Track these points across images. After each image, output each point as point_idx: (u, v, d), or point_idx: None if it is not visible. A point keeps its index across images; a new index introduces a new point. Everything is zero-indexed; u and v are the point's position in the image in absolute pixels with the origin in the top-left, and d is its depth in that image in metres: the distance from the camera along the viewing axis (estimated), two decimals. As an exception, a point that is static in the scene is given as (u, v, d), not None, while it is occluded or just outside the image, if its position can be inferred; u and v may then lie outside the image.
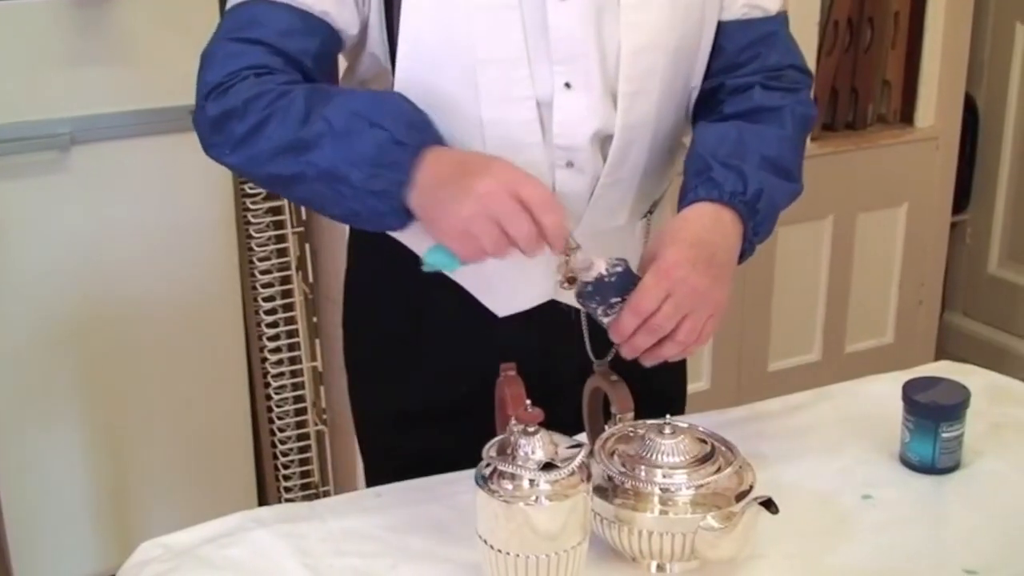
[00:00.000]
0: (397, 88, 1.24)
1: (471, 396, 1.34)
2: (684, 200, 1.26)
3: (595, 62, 1.24)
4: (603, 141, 1.28)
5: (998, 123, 3.33)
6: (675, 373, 1.56)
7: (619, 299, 1.17)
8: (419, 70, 1.24)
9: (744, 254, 1.27)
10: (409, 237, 1.34)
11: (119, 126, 2.29)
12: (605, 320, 1.19)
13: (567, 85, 1.25)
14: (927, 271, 3.24)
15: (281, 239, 2.53)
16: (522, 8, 1.22)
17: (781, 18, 1.37)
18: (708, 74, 1.35)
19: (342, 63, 1.37)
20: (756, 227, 1.26)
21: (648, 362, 1.21)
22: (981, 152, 3.38)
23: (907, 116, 3.10)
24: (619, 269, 1.17)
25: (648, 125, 1.30)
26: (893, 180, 3.08)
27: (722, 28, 1.33)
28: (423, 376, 1.41)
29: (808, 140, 2.92)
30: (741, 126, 1.29)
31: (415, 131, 1.16)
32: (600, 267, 1.16)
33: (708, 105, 1.36)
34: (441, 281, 1.33)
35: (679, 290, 1.16)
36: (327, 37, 1.25)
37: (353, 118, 1.15)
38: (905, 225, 3.14)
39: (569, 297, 1.34)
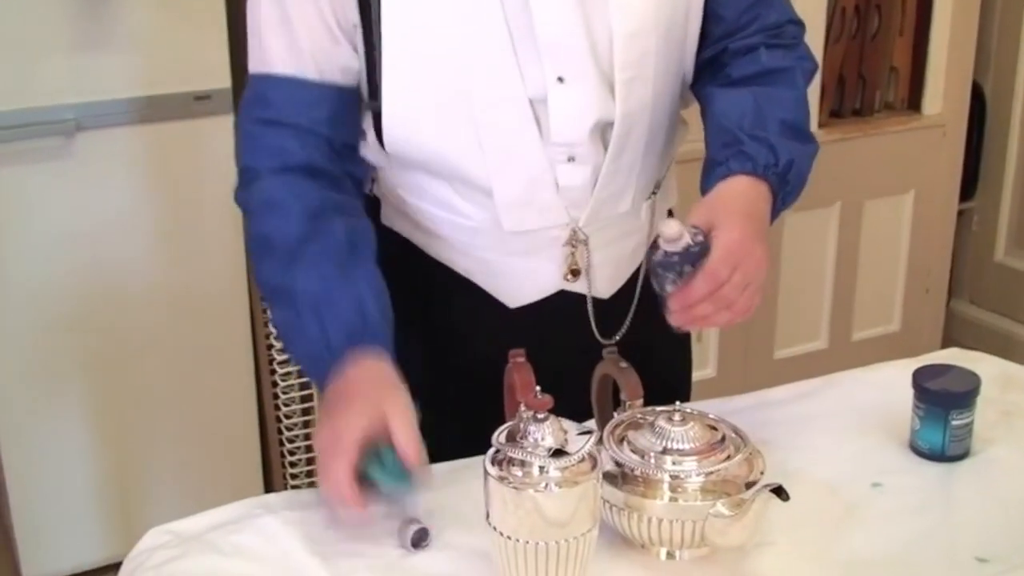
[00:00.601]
0: (385, 106, 1.23)
1: (479, 387, 1.33)
2: (715, 173, 1.26)
3: (586, 52, 1.23)
4: (603, 131, 1.27)
5: (1005, 111, 3.32)
6: (681, 360, 1.56)
7: (692, 268, 1.17)
8: (405, 85, 1.23)
9: (774, 217, 1.28)
10: (420, 236, 1.34)
11: (124, 112, 2.29)
12: (670, 288, 1.18)
13: (560, 79, 1.23)
14: (934, 259, 3.23)
15: (287, 225, 2.52)
16: (504, 7, 1.21)
17: None
18: (709, 41, 1.34)
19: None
20: (785, 196, 1.27)
21: (697, 328, 1.22)
22: (988, 140, 3.38)
23: (914, 103, 3.09)
24: (700, 239, 1.17)
25: (646, 110, 1.29)
26: (900, 167, 3.08)
27: None
28: (431, 367, 1.41)
29: (815, 127, 2.93)
30: (756, 92, 1.30)
31: (354, 343, 1.20)
32: (687, 238, 1.16)
33: (712, 70, 1.35)
34: (449, 272, 1.33)
35: (746, 263, 1.18)
36: (335, 96, 1.26)
37: (308, 300, 1.22)
38: (912, 212, 3.14)
39: (576, 286, 1.34)
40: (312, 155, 1.26)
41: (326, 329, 1.20)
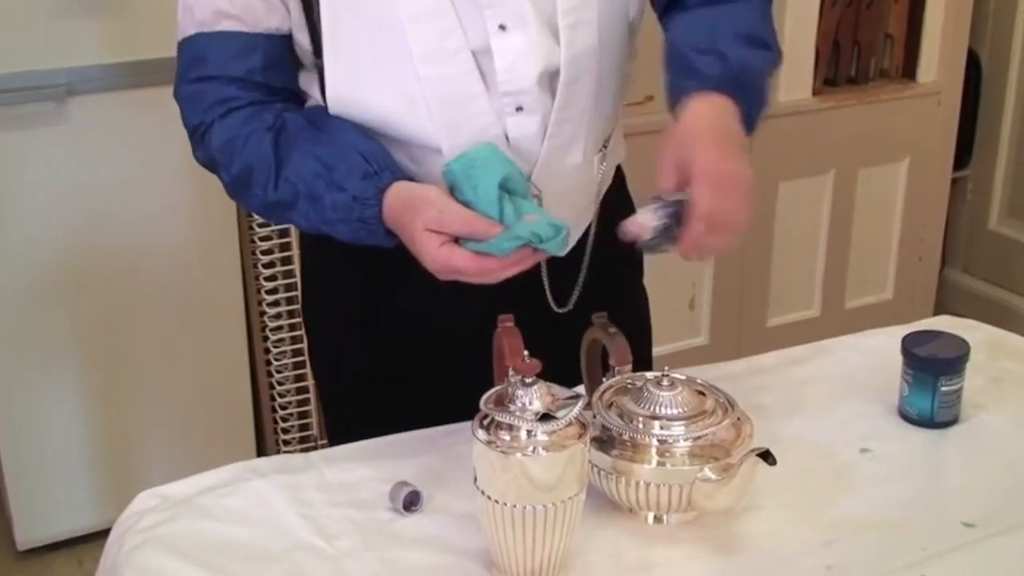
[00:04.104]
0: (327, 66, 1.24)
1: (444, 358, 1.33)
2: (673, 97, 1.24)
3: None
4: (550, 78, 1.26)
5: (1001, 79, 3.31)
6: (640, 317, 1.56)
7: (679, 225, 1.15)
8: (346, 44, 1.23)
9: (750, 130, 1.26)
10: None
11: (116, 77, 2.28)
12: (671, 248, 1.17)
13: (502, 27, 1.22)
14: (927, 227, 3.23)
15: (279, 191, 2.52)
16: None
17: None
18: None
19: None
20: (749, 104, 1.24)
21: (706, 256, 1.21)
22: (983, 108, 3.37)
23: (909, 71, 3.08)
24: (669, 210, 1.16)
25: (592, 55, 1.28)
26: (895, 135, 3.07)
27: None
28: (392, 340, 1.40)
29: (809, 95, 2.92)
30: (708, 12, 1.29)
31: (370, 182, 1.20)
32: (651, 221, 1.15)
33: (672, 2, 1.35)
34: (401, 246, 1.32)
35: (728, 183, 1.16)
36: (268, 46, 1.27)
37: (316, 182, 1.22)
38: (906, 181, 3.14)
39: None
40: (254, 97, 1.27)
41: (345, 188, 1.20)
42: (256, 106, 1.27)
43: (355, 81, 1.24)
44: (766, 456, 1.07)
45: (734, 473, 1.08)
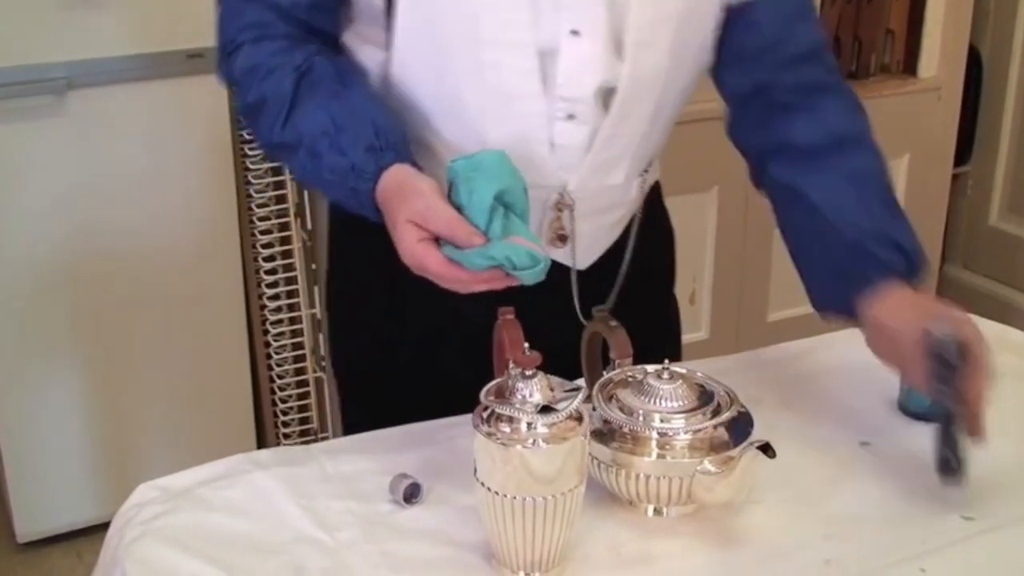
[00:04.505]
0: (399, 29, 1.22)
1: (462, 353, 1.33)
2: (863, 283, 1.27)
3: (604, 8, 1.21)
4: (606, 93, 1.25)
5: (1002, 75, 3.31)
6: (671, 323, 1.56)
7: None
8: (422, 13, 1.21)
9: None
10: None
11: (116, 70, 2.28)
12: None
13: (574, 32, 1.21)
14: (927, 223, 3.23)
15: (280, 185, 2.52)
16: None
17: None
18: (746, 54, 1.31)
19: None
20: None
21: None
22: (984, 104, 3.37)
23: (910, 66, 3.09)
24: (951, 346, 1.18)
25: (658, 80, 1.26)
26: (895, 130, 3.07)
27: (752, 5, 1.30)
28: (411, 333, 1.39)
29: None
30: (847, 174, 1.30)
31: (372, 156, 1.18)
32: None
33: (761, 106, 1.33)
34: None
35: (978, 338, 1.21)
36: None
37: (321, 138, 1.20)
38: (907, 176, 3.14)
39: (560, 255, 1.32)
40: (291, 31, 1.25)
41: (347, 154, 1.19)
42: (290, 40, 1.25)
43: (422, 50, 1.23)
44: (766, 449, 1.08)
45: (734, 466, 1.08)
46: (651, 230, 1.44)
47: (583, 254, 1.35)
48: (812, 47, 1.34)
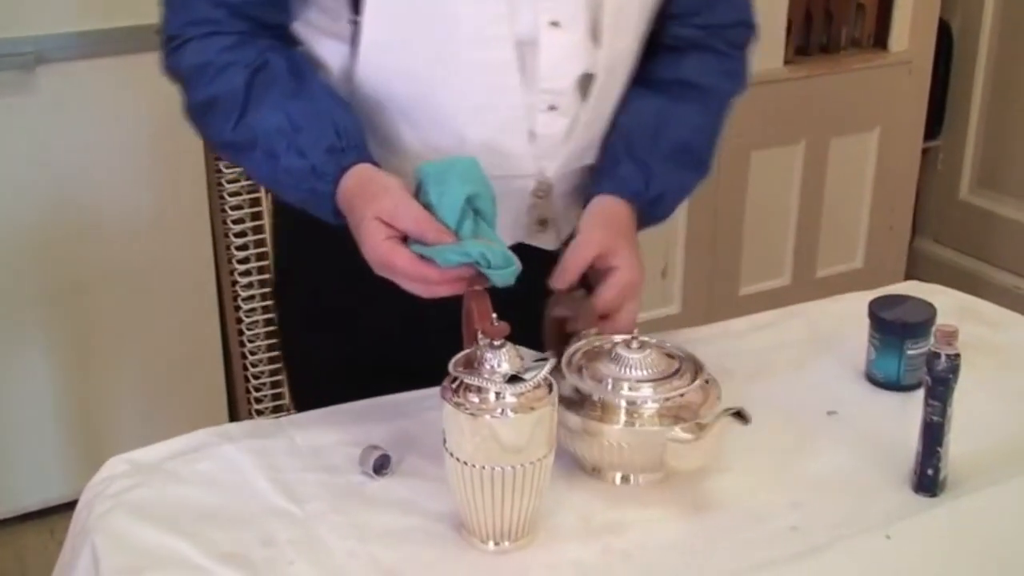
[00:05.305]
0: (366, 25, 1.18)
1: (436, 346, 1.32)
2: (594, 186, 1.28)
3: None
4: (583, 81, 1.25)
5: (972, 48, 3.33)
6: None
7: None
8: (390, 8, 1.18)
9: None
10: None
11: (85, 45, 2.26)
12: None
13: (554, 24, 1.20)
14: (898, 196, 3.25)
15: (250, 160, 2.50)
16: None
17: None
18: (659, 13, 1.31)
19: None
20: (648, 221, 1.30)
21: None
22: (954, 78, 3.38)
23: (881, 40, 3.10)
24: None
25: (626, 60, 1.27)
26: (866, 104, 3.08)
27: None
28: (376, 325, 1.37)
29: (781, 64, 2.93)
30: (662, 108, 1.31)
31: (333, 157, 1.16)
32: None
33: (644, 54, 1.34)
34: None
35: (635, 292, 1.25)
36: None
37: (278, 138, 1.17)
38: (877, 150, 3.15)
39: (543, 240, 1.33)
40: (241, 28, 1.21)
41: (307, 156, 1.16)
42: (242, 36, 1.21)
43: (392, 46, 1.20)
44: (739, 415, 1.08)
45: (707, 432, 1.08)
46: None
47: (564, 233, 1.35)
48: (722, 25, 1.35)
